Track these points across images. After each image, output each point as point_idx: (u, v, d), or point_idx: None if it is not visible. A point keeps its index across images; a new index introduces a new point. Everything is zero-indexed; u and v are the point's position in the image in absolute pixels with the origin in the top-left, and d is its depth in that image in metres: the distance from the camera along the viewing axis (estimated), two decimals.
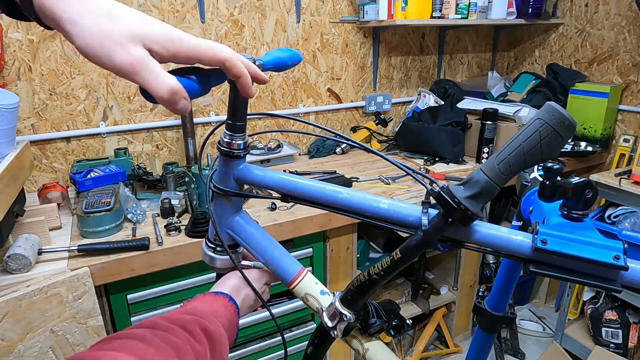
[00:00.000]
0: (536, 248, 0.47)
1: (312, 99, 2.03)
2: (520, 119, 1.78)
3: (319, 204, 0.58)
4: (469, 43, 2.38)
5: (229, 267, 0.67)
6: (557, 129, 0.43)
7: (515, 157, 0.45)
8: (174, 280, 1.29)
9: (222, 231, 0.65)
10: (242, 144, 0.60)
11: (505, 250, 0.50)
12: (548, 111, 0.43)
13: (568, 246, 0.46)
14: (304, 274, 0.63)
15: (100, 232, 1.24)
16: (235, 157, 0.60)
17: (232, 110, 0.57)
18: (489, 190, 0.46)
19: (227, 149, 0.59)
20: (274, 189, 0.61)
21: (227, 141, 0.59)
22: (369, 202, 0.55)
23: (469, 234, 0.51)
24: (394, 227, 0.55)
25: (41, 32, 1.46)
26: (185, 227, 1.28)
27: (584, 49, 2.14)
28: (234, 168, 0.61)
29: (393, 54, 2.17)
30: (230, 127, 0.58)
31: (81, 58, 1.54)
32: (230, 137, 0.58)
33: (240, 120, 0.58)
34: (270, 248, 0.64)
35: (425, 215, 0.51)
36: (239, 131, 0.59)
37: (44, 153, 1.58)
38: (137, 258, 1.17)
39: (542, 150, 0.44)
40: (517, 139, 0.45)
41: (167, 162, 1.72)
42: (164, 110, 1.72)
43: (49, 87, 1.52)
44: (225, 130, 0.59)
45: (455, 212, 0.47)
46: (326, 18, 1.93)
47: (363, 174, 1.75)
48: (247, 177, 0.61)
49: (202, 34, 1.70)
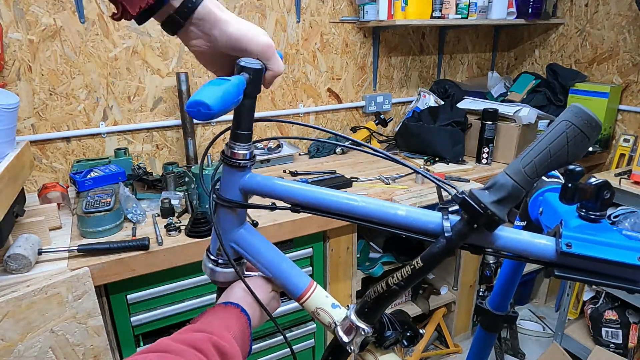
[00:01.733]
0: (561, 252, 0.46)
1: (312, 99, 2.03)
2: (520, 119, 1.78)
3: (332, 214, 0.56)
4: (469, 43, 2.38)
5: (233, 280, 0.65)
6: (584, 130, 0.43)
7: (542, 160, 0.45)
8: (174, 280, 1.29)
9: (226, 244, 0.63)
10: (248, 153, 0.58)
11: (528, 254, 0.50)
12: (574, 112, 0.43)
13: (592, 249, 0.46)
14: (313, 288, 0.61)
15: (100, 232, 1.23)
16: (240, 167, 0.58)
17: (238, 119, 0.56)
18: (516, 194, 0.46)
19: (232, 159, 0.57)
20: (283, 200, 0.59)
21: (232, 151, 0.57)
22: (386, 209, 0.54)
23: (492, 240, 0.50)
24: (414, 235, 0.53)
25: (41, 31, 1.46)
26: (185, 227, 1.28)
27: (584, 49, 2.15)
28: (239, 178, 0.59)
29: (393, 54, 2.17)
30: (235, 136, 0.56)
31: (81, 58, 1.54)
32: (236, 147, 0.57)
33: (245, 129, 0.56)
34: (277, 261, 0.62)
35: (447, 222, 0.50)
36: (244, 140, 0.57)
37: (44, 153, 1.58)
38: (137, 258, 1.17)
39: (569, 151, 0.44)
40: (543, 141, 0.45)
41: (167, 162, 1.72)
42: (164, 110, 1.72)
43: (49, 87, 1.52)
44: (230, 139, 0.57)
45: (482, 217, 0.46)
46: (326, 18, 1.93)
47: (363, 174, 1.75)
48: (254, 188, 0.59)
49: None
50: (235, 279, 0.64)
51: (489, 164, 1.85)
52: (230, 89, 0.48)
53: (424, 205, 1.50)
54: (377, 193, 1.58)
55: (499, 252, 0.51)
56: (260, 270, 0.63)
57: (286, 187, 0.57)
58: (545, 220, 0.66)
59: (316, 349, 1.66)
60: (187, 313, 1.34)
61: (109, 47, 1.57)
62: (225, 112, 0.47)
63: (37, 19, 1.45)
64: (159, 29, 1.62)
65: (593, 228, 0.51)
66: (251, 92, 0.54)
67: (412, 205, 1.48)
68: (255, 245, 0.62)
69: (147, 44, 1.63)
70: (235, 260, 0.64)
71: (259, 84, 0.55)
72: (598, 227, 0.51)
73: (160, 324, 1.32)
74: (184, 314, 1.34)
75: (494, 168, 1.82)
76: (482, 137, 1.82)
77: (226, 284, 0.65)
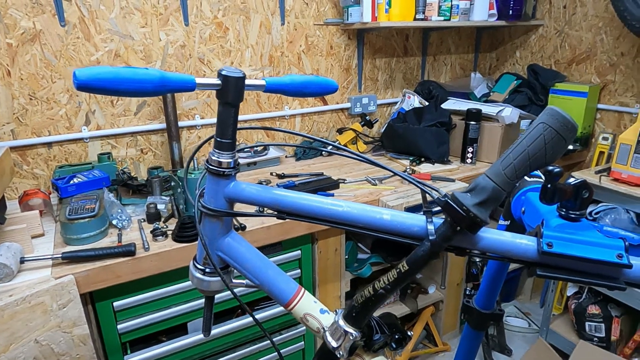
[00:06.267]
0: (543, 252, 0.47)
1: (298, 101, 2.03)
2: (503, 119, 1.82)
3: (318, 220, 0.57)
4: (452, 44, 2.41)
5: (220, 288, 0.65)
6: (560, 132, 0.44)
7: (521, 162, 0.46)
8: (161, 286, 1.27)
9: (213, 253, 0.63)
10: (232, 162, 0.58)
11: (511, 255, 0.51)
12: (551, 115, 0.44)
13: (573, 248, 0.47)
14: (301, 294, 0.61)
15: (85, 238, 1.21)
16: (225, 176, 0.58)
17: (221, 128, 0.56)
18: (497, 196, 0.47)
19: (217, 168, 0.57)
20: (269, 207, 0.59)
21: (216, 160, 0.57)
22: (370, 214, 0.54)
23: (475, 241, 0.51)
24: (399, 239, 0.54)
25: (20, 35, 1.43)
26: (172, 232, 1.27)
27: (563, 50, 2.19)
28: (224, 187, 0.59)
29: (377, 56, 2.18)
30: (218, 145, 0.56)
31: (62, 62, 1.51)
32: (219, 156, 0.57)
33: (229, 138, 0.56)
34: (264, 269, 0.62)
35: (430, 225, 0.51)
36: (228, 149, 0.57)
37: (25, 159, 1.54)
38: (123, 264, 1.15)
39: (547, 153, 0.45)
40: (521, 143, 0.46)
41: (152, 166, 1.70)
42: (149, 114, 1.70)
43: (28, 92, 1.49)
44: (214, 148, 0.57)
45: (464, 220, 0.47)
46: (310, 20, 1.94)
47: (350, 175, 1.76)
48: (239, 196, 0.59)
49: (186, 37, 1.69)
50: (222, 288, 0.64)
51: (473, 164, 1.88)
52: (115, 72, 0.44)
53: (411, 205, 1.52)
54: (364, 194, 1.58)
55: (483, 253, 0.52)
56: (247, 277, 0.63)
57: (271, 195, 0.58)
58: (528, 220, 0.68)
59: (306, 351, 1.66)
60: (175, 319, 1.33)
61: (91, 50, 1.55)
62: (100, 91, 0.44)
63: (16, 22, 1.42)
64: (142, 31, 1.60)
65: (573, 227, 0.52)
66: (233, 100, 0.54)
67: (399, 205, 1.50)
68: (242, 253, 0.62)
69: (130, 47, 1.61)
70: (221, 268, 0.64)
71: (241, 92, 0.55)
72: (578, 225, 0.52)
73: (148, 330, 1.30)
74: (172, 319, 1.32)
75: (478, 167, 1.84)
76: (467, 137, 1.85)
77: (213, 293, 0.64)
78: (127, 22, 1.57)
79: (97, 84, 0.42)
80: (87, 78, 0.42)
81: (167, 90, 0.47)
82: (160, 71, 0.47)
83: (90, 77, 0.42)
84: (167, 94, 0.49)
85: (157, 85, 0.46)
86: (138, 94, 0.45)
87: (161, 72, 0.47)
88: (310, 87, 0.59)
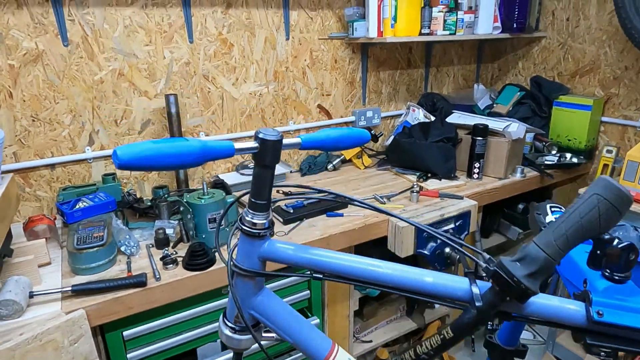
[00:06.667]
0: (594, 321, 0.46)
1: (302, 116, 2.01)
2: (510, 134, 1.81)
3: (357, 281, 0.55)
4: (455, 56, 2.41)
5: (251, 345, 0.63)
6: (615, 204, 0.43)
7: (574, 233, 0.45)
8: (171, 314, 1.25)
9: (245, 312, 0.61)
10: (267, 222, 0.56)
11: (558, 320, 0.50)
12: (605, 186, 0.43)
13: (625, 317, 0.46)
14: (336, 351, 0.60)
15: (94, 268, 1.19)
16: (259, 237, 0.56)
17: (257, 189, 0.54)
18: (548, 266, 0.46)
19: (251, 229, 0.55)
20: (305, 267, 0.57)
21: (250, 220, 0.55)
22: (412, 276, 0.53)
23: (523, 308, 0.50)
24: (442, 303, 0.53)
25: (22, 56, 1.40)
26: (182, 260, 1.24)
27: (566, 62, 2.20)
28: (258, 247, 0.57)
29: (381, 69, 2.17)
30: (253, 205, 0.55)
31: (65, 82, 1.48)
32: (254, 216, 0.55)
33: (264, 199, 0.55)
34: (298, 327, 0.61)
35: (475, 288, 0.49)
36: (262, 210, 0.55)
37: (27, 181, 1.51)
38: (135, 295, 1.13)
39: (601, 224, 0.44)
40: (574, 213, 0.45)
41: (156, 185, 1.67)
42: (153, 132, 1.68)
43: (31, 113, 1.46)
44: (248, 208, 0.55)
45: (514, 290, 0.46)
46: (315, 35, 1.92)
47: (358, 192, 1.75)
48: (273, 256, 0.57)
49: (190, 54, 1.67)
50: (252, 344, 0.62)
51: (480, 179, 1.87)
52: (156, 148, 0.43)
53: None
54: (373, 214, 1.57)
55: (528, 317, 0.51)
56: (280, 335, 0.61)
57: (308, 256, 0.56)
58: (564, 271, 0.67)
59: None
60: (186, 345, 1.31)
61: (94, 69, 1.52)
62: (142, 169, 0.43)
63: (18, 43, 1.38)
64: (146, 49, 1.57)
65: (620, 291, 0.51)
66: (270, 162, 0.52)
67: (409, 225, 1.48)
68: (275, 312, 0.61)
69: (134, 66, 1.58)
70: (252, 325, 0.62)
71: (278, 154, 0.53)
72: (625, 289, 0.51)
73: (158, 358, 1.28)
74: (183, 345, 1.30)
75: (485, 183, 1.84)
76: (473, 152, 1.84)
77: (243, 350, 0.63)
78: (130, 41, 1.54)
79: (139, 162, 0.41)
80: (129, 158, 0.40)
81: (207, 160, 0.46)
82: (199, 141, 0.45)
83: (133, 157, 0.40)
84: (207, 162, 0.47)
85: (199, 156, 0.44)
86: (180, 167, 0.43)
87: (201, 143, 0.45)
88: (345, 141, 0.57)
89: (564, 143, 2.13)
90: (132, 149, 0.40)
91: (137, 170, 0.42)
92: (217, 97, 1.77)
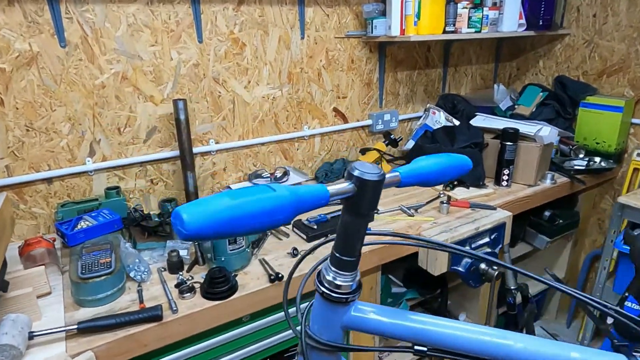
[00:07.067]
0: None
1: (318, 120, 1.88)
2: (542, 139, 1.70)
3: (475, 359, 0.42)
4: (473, 55, 2.29)
5: None
6: None
7: None
8: (188, 346, 1.12)
9: None
10: (355, 284, 0.43)
11: None
12: None
13: None
14: None
15: (101, 299, 1.05)
16: (345, 303, 0.43)
17: (345, 243, 0.40)
18: None
19: (335, 293, 0.42)
20: (404, 340, 0.44)
21: (334, 282, 0.42)
22: (555, 351, 0.40)
23: None
24: None
25: (15, 59, 1.25)
26: (200, 286, 1.11)
27: (592, 61, 2.09)
28: (342, 315, 0.44)
29: (399, 69, 2.04)
30: (338, 263, 0.41)
31: (63, 87, 1.33)
32: (337, 277, 0.41)
33: (354, 254, 0.41)
34: None
35: None
36: (350, 269, 0.42)
37: (22, 197, 1.36)
38: (150, 331, 0.99)
39: None
40: None
41: (164, 198, 1.54)
42: (159, 141, 1.53)
43: (25, 122, 1.31)
44: (331, 265, 0.42)
45: None
46: (331, 33, 1.79)
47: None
48: (362, 327, 0.44)
49: (200, 55, 1.52)
50: None
51: (509, 186, 1.76)
52: (237, 207, 0.30)
53: (456, 240, 1.38)
54: (402, 227, 1.45)
55: None
56: None
57: (409, 325, 0.42)
58: None
59: None
60: None
61: (95, 73, 1.37)
62: (214, 237, 0.31)
63: (10, 44, 1.23)
64: (151, 50, 1.43)
65: None
66: (367, 209, 0.39)
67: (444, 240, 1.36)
68: None
69: (139, 68, 1.43)
70: None
71: (377, 198, 0.40)
72: None
73: None
74: None
75: (515, 191, 1.72)
76: (502, 158, 1.72)
77: None
78: (134, 41, 1.40)
79: (216, 229, 0.28)
80: (201, 224, 0.27)
81: (297, 214, 0.33)
82: (288, 189, 0.32)
83: (206, 222, 0.27)
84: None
85: (292, 212, 0.31)
86: (267, 228, 0.30)
87: (291, 192, 0.32)
88: (449, 172, 0.45)
89: (591, 146, 2.02)
90: (204, 209, 0.27)
91: (210, 239, 0.29)
92: (227, 102, 1.63)
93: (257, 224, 0.29)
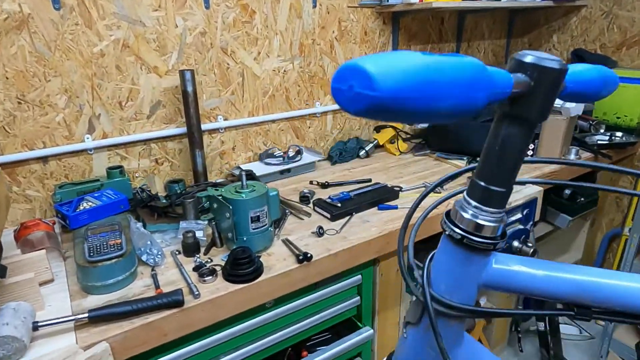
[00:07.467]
0: None
1: (330, 97, 1.77)
2: (568, 111, 1.61)
3: None
4: (486, 29, 2.20)
5: None
6: None
7: None
8: (210, 334, 1.01)
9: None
10: (501, 226, 0.33)
11: None
12: None
13: None
14: None
15: (112, 285, 0.93)
16: (486, 251, 0.33)
17: (498, 162, 0.30)
18: None
19: (475, 237, 0.32)
20: (564, 301, 0.34)
21: (476, 223, 0.31)
22: None
23: None
24: None
25: (3, 21, 1.11)
26: (222, 269, 1.00)
27: (610, 33, 2.01)
28: (481, 268, 0.34)
29: (412, 42, 1.94)
30: (482, 195, 0.31)
31: (57, 55, 1.20)
32: (480, 214, 0.31)
33: (506, 184, 0.31)
34: None
35: None
36: (498, 204, 0.32)
37: (14, 179, 1.23)
38: (170, 318, 0.88)
39: None
40: None
41: (170, 179, 1.42)
42: (164, 116, 1.41)
43: (16, 94, 1.17)
44: (470, 199, 0.31)
45: None
46: (344, 2, 1.67)
47: (403, 181, 1.52)
48: (506, 284, 0.34)
49: (206, 22, 1.40)
50: None
51: None
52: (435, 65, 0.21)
53: None
54: (431, 203, 1.35)
55: None
56: None
57: (570, 281, 0.32)
58: None
59: None
60: None
61: (93, 40, 1.24)
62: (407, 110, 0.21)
63: None
64: (154, 16, 1.30)
65: None
66: (536, 111, 0.29)
67: None
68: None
69: (141, 36, 1.31)
70: None
71: (553, 96, 0.30)
72: None
73: None
74: None
75: (541, 166, 1.64)
76: None
77: None
78: (136, 5, 1.27)
79: (409, 93, 0.17)
80: (395, 83, 0.17)
81: (485, 103, 0.22)
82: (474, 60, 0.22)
83: (401, 82, 0.17)
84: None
85: (485, 92, 0.21)
86: (458, 111, 0.20)
87: (479, 63, 0.22)
88: (607, 85, 0.34)
89: (612, 121, 1.95)
90: (394, 62, 0.17)
91: (400, 114, 0.18)
92: (236, 75, 1.51)
93: (452, 98, 0.19)
